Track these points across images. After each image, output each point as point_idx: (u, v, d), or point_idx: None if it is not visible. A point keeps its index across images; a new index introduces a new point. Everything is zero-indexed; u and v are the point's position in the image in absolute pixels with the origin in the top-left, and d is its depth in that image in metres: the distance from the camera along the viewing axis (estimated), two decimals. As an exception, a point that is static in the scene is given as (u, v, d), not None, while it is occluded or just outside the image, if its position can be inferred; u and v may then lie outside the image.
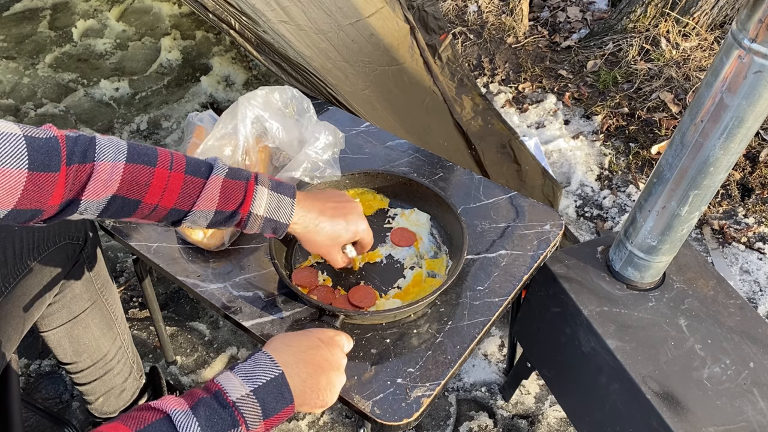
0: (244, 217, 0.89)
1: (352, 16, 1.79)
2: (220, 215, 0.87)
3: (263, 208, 0.89)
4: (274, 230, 0.92)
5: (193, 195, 0.85)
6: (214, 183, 0.86)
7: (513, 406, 1.63)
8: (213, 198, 0.86)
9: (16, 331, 1.06)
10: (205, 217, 0.87)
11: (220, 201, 0.86)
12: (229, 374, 0.72)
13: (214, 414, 0.66)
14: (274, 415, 0.70)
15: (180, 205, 0.85)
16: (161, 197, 0.83)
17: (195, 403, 0.67)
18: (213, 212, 0.87)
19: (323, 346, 0.80)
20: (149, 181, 0.82)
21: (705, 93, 0.91)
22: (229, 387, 0.69)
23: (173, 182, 0.83)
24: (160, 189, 0.83)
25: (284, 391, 0.72)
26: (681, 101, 2.51)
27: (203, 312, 1.84)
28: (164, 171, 0.83)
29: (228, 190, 0.87)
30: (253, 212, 0.89)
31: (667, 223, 1.06)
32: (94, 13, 3.12)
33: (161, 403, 0.67)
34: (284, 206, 0.91)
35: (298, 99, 1.24)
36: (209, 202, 0.86)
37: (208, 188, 0.85)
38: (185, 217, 0.86)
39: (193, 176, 0.85)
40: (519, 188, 1.89)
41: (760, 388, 1.03)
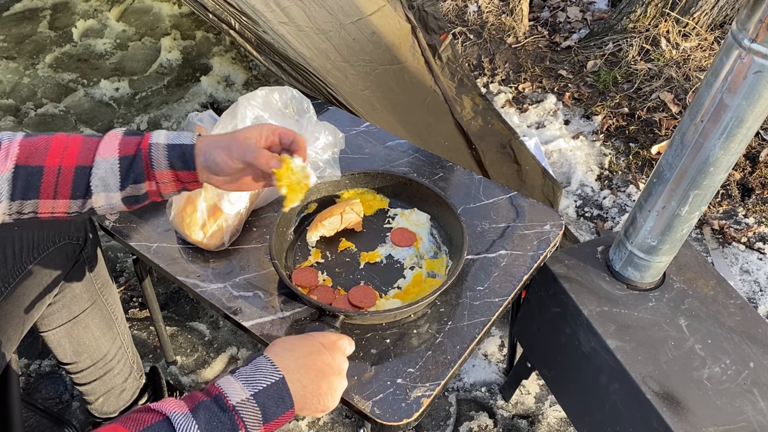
0: (146, 153, 0.85)
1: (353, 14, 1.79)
2: (125, 161, 0.84)
3: (163, 137, 0.87)
4: (182, 156, 0.86)
5: (92, 148, 0.85)
6: (112, 135, 0.86)
7: (513, 406, 1.63)
8: (112, 146, 0.85)
9: (16, 331, 1.06)
10: (111, 169, 0.84)
11: (120, 147, 0.85)
12: (229, 378, 0.71)
13: (214, 417, 0.66)
14: (274, 420, 0.70)
15: (82, 161, 0.84)
16: (62, 157, 0.84)
17: (195, 406, 0.67)
18: (117, 159, 0.84)
19: (325, 350, 0.80)
20: (48, 145, 0.84)
21: (705, 93, 0.91)
22: (230, 391, 0.69)
23: (72, 144, 0.85)
24: (59, 150, 0.84)
25: (285, 396, 0.72)
26: (681, 101, 2.51)
27: (203, 312, 1.84)
28: (62, 137, 0.85)
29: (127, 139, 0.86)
30: (153, 142, 0.86)
31: (667, 223, 1.06)
32: (94, 13, 3.12)
33: (161, 405, 0.66)
34: (185, 134, 0.88)
35: (298, 99, 1.24)
36: (110, 150, 0.85)
37: (106, 139, 0.86)
38: (91, 175, 0.84)
39: (91, 137, 0.86)
40: (519, 188, 1.89)
41: (760, 388, 1.03)
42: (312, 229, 1.17)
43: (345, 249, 1.18)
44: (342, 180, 1.23)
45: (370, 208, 1.25)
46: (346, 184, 1.25)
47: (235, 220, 1.16)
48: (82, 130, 2.47)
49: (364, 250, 1.17)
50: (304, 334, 0.84)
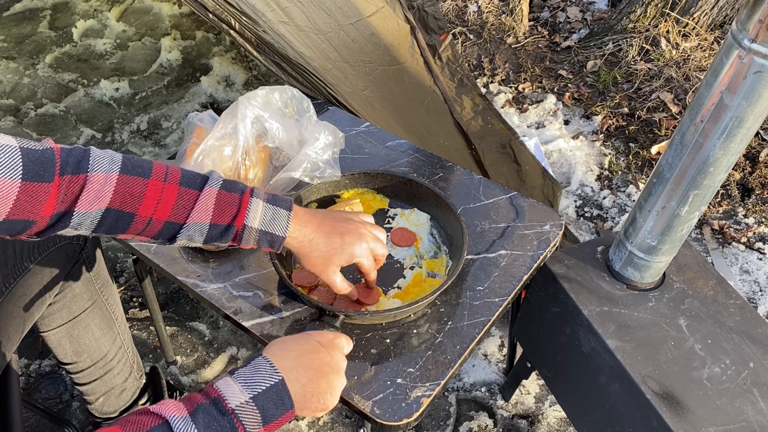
0: (239, 231, 0.87)
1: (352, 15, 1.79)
2: (215, 229, 0.86)
3: (258, 221, 0.87)
4: (270, 243, 0.89)
5: (188, 207, 0.84)
6: (209, 194, 0.84)
7: (513, 406, 1.63)
8: (207, 210, 0.84)
9: (16, 331, 1.06)
10: (200, 231, 0.85)
11: (214, 213, 0.85)
12: (228, 380, 0.71)
13: (213, 421, 0.66)
14: (273, 422, 0.70)
15: (174, 217, 0.84)
16: (155, 209, 0.82)
17: (194, 409, 0.67)
18: (207, 225, 0.85)
19: (323, 349, 0.80)
20: (143, 192, 0.81)
21: (705, 93, 0.91)
22: (229, 393, 0.69)
23: (167, 194, 0.83)
24: (154, 201, 0.82)
25: (284, 398, 0.72)
26: (681, 101, 2.51)
27: (203, 312, 1.84)
28: (158, 183, 0.82)
29: (222, 202, 0.85)
30: (247, 225, 0.87)
31: (667, 223, 1.06)
32: (94, 13, 3.12)
33: (160, 407, 0.66)
34: (279, 218, 0.89)
35: (298, 99, 1.24)
36: (203, 215, 0.84)
37: (202, 200, 0.84)
38: (180, 231, 0.85)
39: (187, 188, 0.84)
40: (519, 188, 1.89)
41: (760, 388, 1.03)
42: None
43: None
44: (342, 180, 1.23)
45: (370, 208, 1.25)
46: (346, 184, 1.24)
47: (235, 220, 1.15)
48: (82, 131, 2.47)
49: (364, 250, 1.17)
50: (302, 333, 0.84)
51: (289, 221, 0.89)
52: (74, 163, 0.77)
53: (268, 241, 0.89)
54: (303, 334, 0.83)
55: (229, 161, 1.14)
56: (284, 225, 0.89)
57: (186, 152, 1.20)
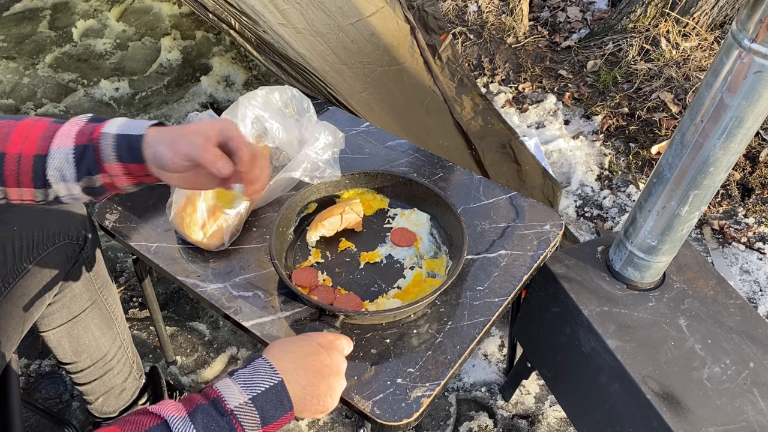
0: (97, 143, 0.81)
1: (352, 15, 1.79)
2: (78, 151, 0.81)
3: (116, 127, 0.82)
4: (130, 151, 0.81)
5: (51, 136, 0.81)
6: (74, 122, 0.83)
7: (513, 406, 1.63)
8: (70, 134, 0.81)
9: (16, 331, 1.06)
10: (66, 159, 0.81)
11: (77, 136, 0.81)
12: (228, 380, 0.71)
13: (212, 422, 0.66)
14: (272, 423, 0.70)
15: (40, 149, 0.81)
16: (23, 144, 0.81)
17: (193, 410, 0.66)
18: (71, 150, 0.81)
19: (323, 351, 0.80)
20: (10, 131, 0.81)
21: (705, 93, 0.91)
22: (228, 394, 0.69)
23: (36, 129, 0.82)
24: (21, 136, 0.81)
25: (283, 399, 0.72)
26: (681, 101, 2.51)
27: (203, 312, 1.84)
28: (29, 121, 0.82)
29: (85, 127, 0.82)
30: (103, 132, 0.81)
31: (667, 223, 1.06)
32: (94, 13, 3.12)
33: (159, 408, 0.66)
34: (139, 123, 0.82)
35: (298, 99, 1.24)
36: (66, 138, 0.81)
37: (65, 126, 0.82)
38: (47, 165, 0.81)
39: (56, 123, 0.83)
40: (519, 188, 1.89)
41: (760, 388, 1.03)
42: (312, 229, 1.17)
43: (345, 249, 1.18)
44: (342, 180, 1.23)
45: (370, 208, 1.25)
46: (346, 184, 1.24)
47: (235, 220, 1.16)
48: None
49: (364, 250, 1.17)
50: (302, 334, 0.84)
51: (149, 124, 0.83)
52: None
53: (126, 145, 0.81)
54: (303, 335, 0.83)
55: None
56: (142, 125, 0.82)
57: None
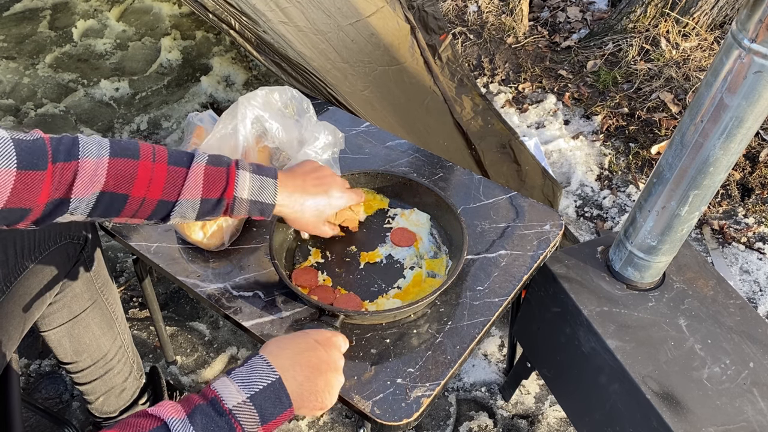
0: (230, 203, 0.91)
1: (351, 16, 1.79)
2: (207, 204, 0.89)
3: (247, 191, 0.91)
4: (261, 212, 0.94)
5: (178, 184, 0.87)
6: (197, 170, 0.88)
7: (513, 406, 1.63)
8: (197, 185, 0.87)
9: (16, 331, 1.06)
10: (192, 207, 0.88)
11: (204, 188, 0.88)
12: (225, 380, 0.71)
13: (211, 422, 0.66)
14: (272, 421, 0.70)
15: (166, 196, 0.87)
16: (147, 189, 0.85)
17: (192, 411, 0.66)
18: (199, 201, 0.88)
19: (320, 347, 0.80)
20: (134, 173, 0.84)
21: (705, 93, 0.91)
22: (226, 394, 0.69)
23: (157, 173, 0.85)
24: (145, 181, 0.84)
25: (282, 396, 0.72)
26: (681, 101, 2.51)
27: (203, 312, 1.84)
28: (148, 163, 0.85)
29: (210, 177, 0.88)
30: (237, 196, 0.90)
31: (667, 223, 1.06)
32: (94, 13, 3.12)
33: (158, 409, 0.66)
34: (267, 187, 0.93)
35: (298, 99, 1.24)
36: (194, 191, 0.87)
37: (191, 176, 0.87)
38: (173, 209, 0.88)
39: (176, 166, 0.87)
40: (519, 188, 1.89)
41: (760, 388, 1.03)
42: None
43: (345, 249, 1.18)
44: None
45: (370, 208, 1.25)
46: (346, 184, 1.24)
47: (235, 220, 1.16)
48: (82, 130, 2.47)
49: (364, 250, 1.17)
50: (299, 331, 0.85)
51: (276, 189, 0.94)
52: (65, 151, 0.79)
53: (258, 209, 0.93)
54: (300, 332, 0.84)
55: (229, 161, 1.14)
56: (272, 193, 0.94)
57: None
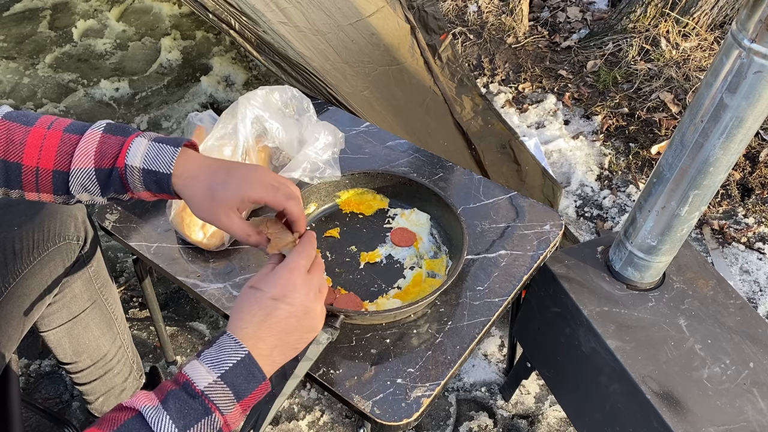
0: (122, 173, 0.81)
1: (352, 16, 1.79)
2: (102, 174, 0.81)
3: (139, 159, 0.80)
4: (157, 184, 0.81)
5: (69, 152, 0.80)
6: (90, 137, 0.81)
7: (513, 406, 1.63)
8: (88, 153, 0.80)
9: (16, 331, 1.06)
10: (89, 178, 0.81)
11: (96, 156, 0.80)
12: (195, 363, 0.70)
13: (184, 405, 0.66)
14: (248, 396, 0.70)
15: (59, 165, 0.80)
16: (39, 158, 0.80)
17: (165, 397, 0.66)
18: (93, 171, 0.80)
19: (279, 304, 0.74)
20: (24, 140, 0.79)
21: (705, 93, 0.91)
22: (196, 376, 0.68)
23: (49, 141, 0.80)
24: (36, 148, 0.79)
25: (254, 370, 0.70)
26: (681, 101, 2.51)
27: (203, 312, 1.84)
28: (41, 130, 0.80)
29: (105, 145, 0.80)
30: (128, 164, 0.80)
31: (667, 223, 1.06)
32: (94, 13, 3.12)
33: (132, 401, 0.66)
34: (164, 154, 0.80)
35: (298, 99, 1.24)
36: (85, 159, 0.80)
37: (83, 143, 0.80)
38: (69, 180, 0.81)
39: (70, 134, 0.81)
40: (519, 188, 1.89)
41: (760, 388, 1.03)
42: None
43: (345, 249, 1.18)
44: (342, 180, 1.23)
45: (370, 208, 1.25)
46: (346, 184, 1.25)
47: (235, 220, 1.15)
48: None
49: (364, 250, 1.17)
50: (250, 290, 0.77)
51: (174, 157, 0.80)
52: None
53: (154, 180, 0.80)
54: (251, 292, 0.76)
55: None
56: (169, 160, 0.80)
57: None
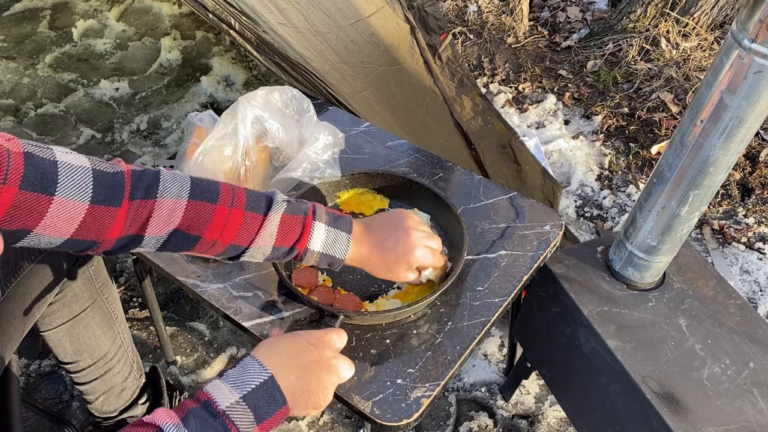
0: (301, 252, 0.90)
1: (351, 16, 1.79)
2: (278, 251, 0.89)
3: (320, 244, 0.90)
4: (329, 264, 0.93)
5: (252, 232, 0.86)
6: (273, 220, 0.87)
7: (513, 406, 1.63)
8: (271, 235, 0.87)
9: (17, 331, 1.06)
10: (262, 252, 0.88)
11: (278, 237, 0.88)
12: (217, 382, 0.71)
13: (204, 424, 0.66)
14: (267, 419, 0.70)
15: (239, 241, 0.86)
16: (221, 233, 0.84)
17: (185, 415, 0.67)
18: (271, 248, 0.88)
19: (312, 348, 0.80)
20: (210, 217, 0.83)
21: (705, 93, 0.91)
22: (218, 395, 0.69)
23: (233, 219, 0.85)
24: (220, 225, 0.84)
25: (275, 394, 0.72)
26: (681, 101, 2.51)
27: (203, 312, 1.84)
28: (225, 208, 0.84)
29: (286, 226, 0.88)
30: (309, 248, 0.90)
31: (667, 223, 1.06)
32: (94, 13, 3.12)
33: (152, 417, 0.67)
34: (340, 241, 0.92)
35: (298, 99, 1.24)
36: (268, 239, 0.87)
37: (266, 225, 0.86)
38: (244, 253, 0.88)
39: (252, 212, 0.86)
40: (519, 188, 1.89)
41: (760, 388, 1.03)
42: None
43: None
44: (342, 180, 1.23)
45: (370, 208, 1.25)
46: (346, 184, 1.24)
47: (235, 220, 1.15)
48: (82, 131, 2.47)
49: (364, 250, 1.17)
50: (290, 333, 0.85)
51: (348, 245, 0.92)
52: (144, 188, 0.78)
53: (327, 262, 0.92)
54: (291, 333, 0.84)
55: (229, 161, 1.14)
56: (344, 248, 0.92)
57: (186, 152, 1.20)
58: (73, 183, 0.71)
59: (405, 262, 0.95)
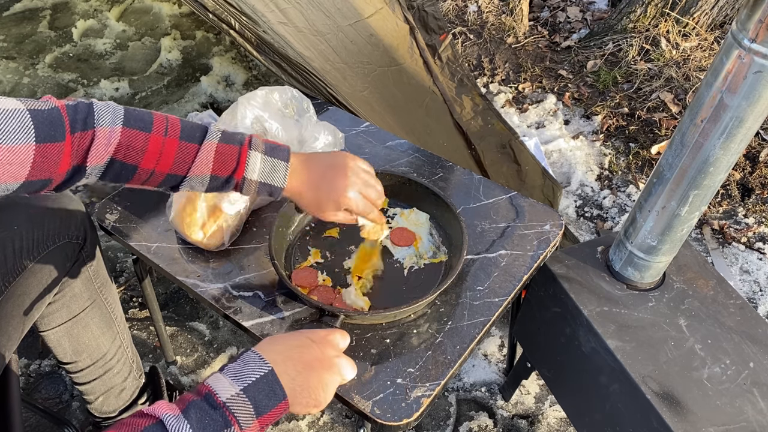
0: (239, 182, 0.91)
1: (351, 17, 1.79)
2: (216, 180, 0.90)
3: (257, 173, 0.91)
4: (269, 193, 0.94)
5: (188, 161, 0.88)
6: (208, 149, 0.89)
7: (513, 406, 1.63)
8: (207, 163, 0.89)
9: (16, 331, 1.06)
10: (201, 182, 0.90)
11: (214, 166, 0.89)
12: (218, 375, 0.72)
13: (205, 416, 0.66)
14: (267, 413, 0.70)
15: (175, 170, 0.88)
16: (157, 163, 0.87)
17: (186, 407, 0.67)
18: (208, 177, 0.90)
19: (314, 345, 0.80)
20: (145, 146, 0.85)
21: (705, 93, 0.91)
22: (219, 387, 0.69)
23: (168, 148, 0.87)
24: (155, 154, 0.86)
25: (275, 388, 0.72)
26: (681, 101, 2.51)
27: (203, 312, 1.84)
28: (159, 137, 0.86)
29: (222, 156, 0.89)
30: (247, 177, 0.91)
31: (667, 223, 1.06)
32: (94, 13, 3.12)
33: (153, 408, 0.67)
34: (278, 170, 0.92)
35: (298, 99, 1.24)
36: (204, 167, 0.89)
37: (201, 154, 0.88)
38: (182, 182, 0.90)
39: (187, 142, 0.88)
40: (519, 188, 1.89)
41: (760, 388, 1.03)
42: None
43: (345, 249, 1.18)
44: (342, 180, 1.23)
45: (370, 208, 1.24)
46: (346, 184, 1.24)
47: (235, 220, 1.16)
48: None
49: (364, 250, 1.17)
50: (294, 331, 0.85)
51: (287, 173, 0.93)
52: (81, 120, 0.81)
53: (267, 191, 0.93)
54: (294, 331, 0.85)
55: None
56: (282, 177, 0.93)
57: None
58: (14, 127, 0.73)
59: (334, 200, 0.95)
